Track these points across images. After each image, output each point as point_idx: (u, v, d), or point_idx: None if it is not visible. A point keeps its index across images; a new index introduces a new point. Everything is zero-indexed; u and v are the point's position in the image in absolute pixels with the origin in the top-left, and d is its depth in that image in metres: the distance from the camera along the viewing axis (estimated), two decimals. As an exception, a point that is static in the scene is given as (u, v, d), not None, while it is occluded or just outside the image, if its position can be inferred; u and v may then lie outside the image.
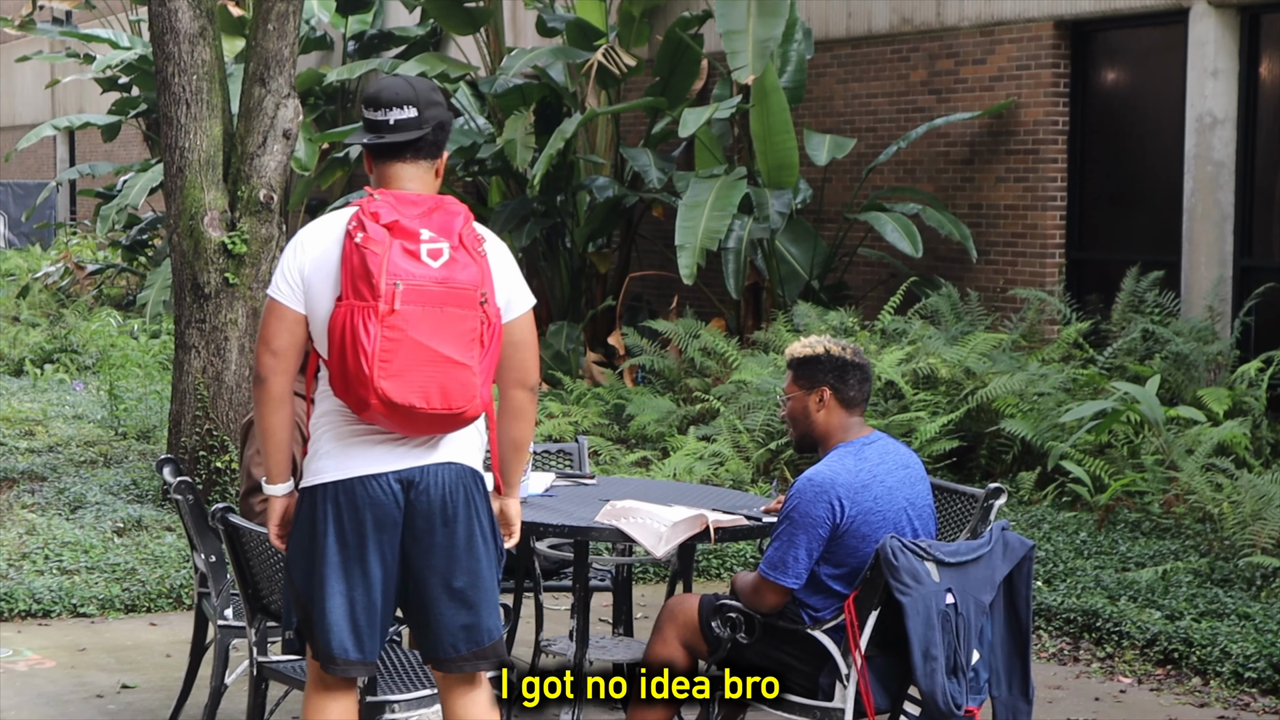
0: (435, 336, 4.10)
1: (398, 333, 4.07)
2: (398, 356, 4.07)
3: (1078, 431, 9.26)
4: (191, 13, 8.84)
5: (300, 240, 4.29)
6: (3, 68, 35.21)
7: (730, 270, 11.94)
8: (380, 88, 4.33)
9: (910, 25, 12.90)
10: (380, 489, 4.21)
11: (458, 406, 4.13)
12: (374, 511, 4.21)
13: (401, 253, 4.10)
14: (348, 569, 4.23)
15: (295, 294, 4.24)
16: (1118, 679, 6.87)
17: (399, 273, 4.08)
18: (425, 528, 4.24)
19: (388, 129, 4.29)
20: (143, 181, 17.80)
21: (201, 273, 8.82)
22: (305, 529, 4.28)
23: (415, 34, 18.28)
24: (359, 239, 4.11)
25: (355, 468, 4.22)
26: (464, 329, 4.13)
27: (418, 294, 4.09)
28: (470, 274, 4.15)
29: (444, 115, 4.36)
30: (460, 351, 4.12)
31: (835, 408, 5.00)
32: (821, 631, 4.82)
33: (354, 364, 4.08)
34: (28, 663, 6.81)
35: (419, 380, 4.09)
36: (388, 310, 4.06)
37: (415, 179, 4.32)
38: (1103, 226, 11.87)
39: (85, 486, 9.43)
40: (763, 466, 10.06)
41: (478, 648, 4.33)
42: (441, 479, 4.24)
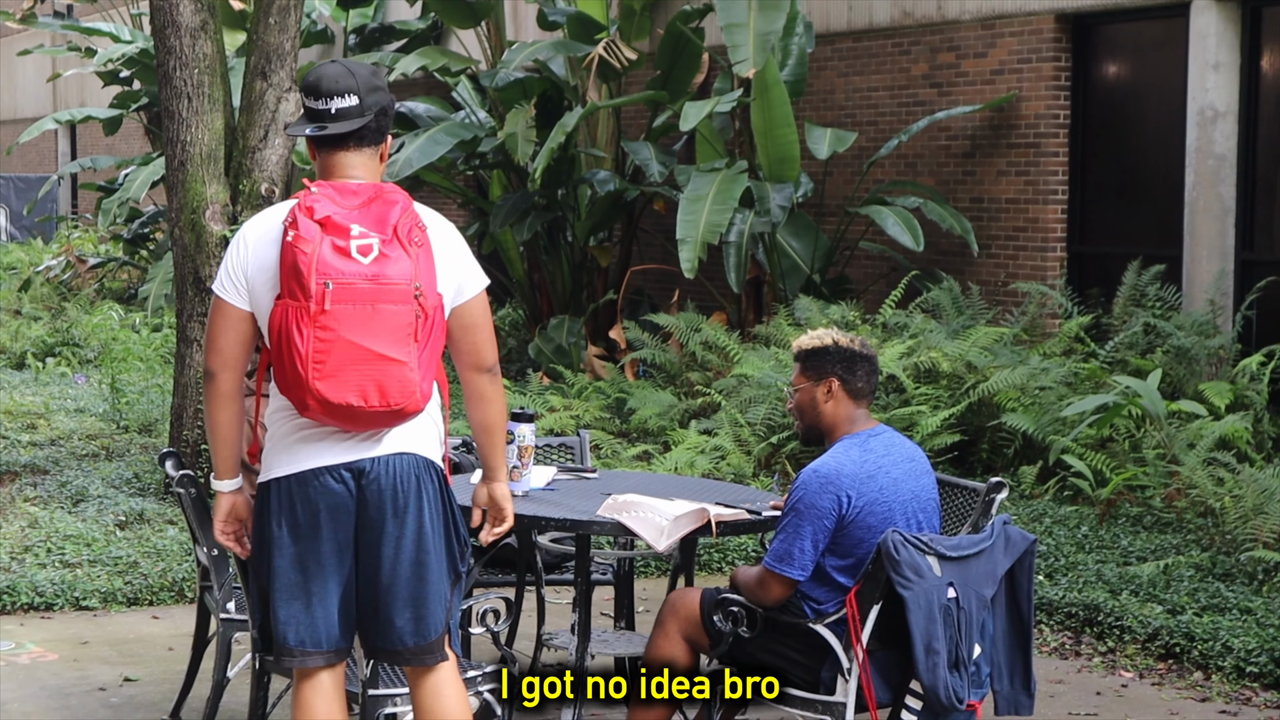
0: (368, 335, 4.06)
1: (330, 333, 4.04)
2: (331, 357, 4.05)
3: (1079, 425, 9.26)
4: (193, 6, 8.84)
5: (243, 237, 4.25)
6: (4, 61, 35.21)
7: (731, 264, 11.94)
8: (320, 76, 4.27)
9: (911, 18, 12.89)
10: (332, 480, 4.20)
11: (397, 403, 4.10)
12: (327, 501, 4.20)
13: (331, 250, 4.06)
14: (303, 561, 4.22)
15: (240, 292, 4.22)
16: (1119, 673, 6.87)
17: (329, 271, 4.04)
18: (376, 518, 4.22)
19: (329, 118, 4.24)
20: (144, 175, 17.80)
21: (203, 266, 8.83)
22: (262, 524, 4.28)
23: (416, 28, 18.27)
24: (290, 237, 4.07)
25: (307, 461, 4.21)
26: (397, 324, 4.09)
27: (348, 292, 4.05)
28: (402, 268, 4.10)
29: (386, 100, 4.31)
30: (395, 348, 4.08)
31: (843, 399, 5.00)
32: (823, 625, 4.82)
33: (289, 366, 4.07)
34: (30, 656, 6.82)
35: (355, 379, 4.06)
36: (318, 310, 4.03)
37: (359, 166, 4.28)
38: (1104, 220, 11.87)
39: (87, 480, 9.44)
40: (764, 460, 10.06)
41: (424, 641, 4.30)
42: (393, 468, 4.22)
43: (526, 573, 6.13)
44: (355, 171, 4.27)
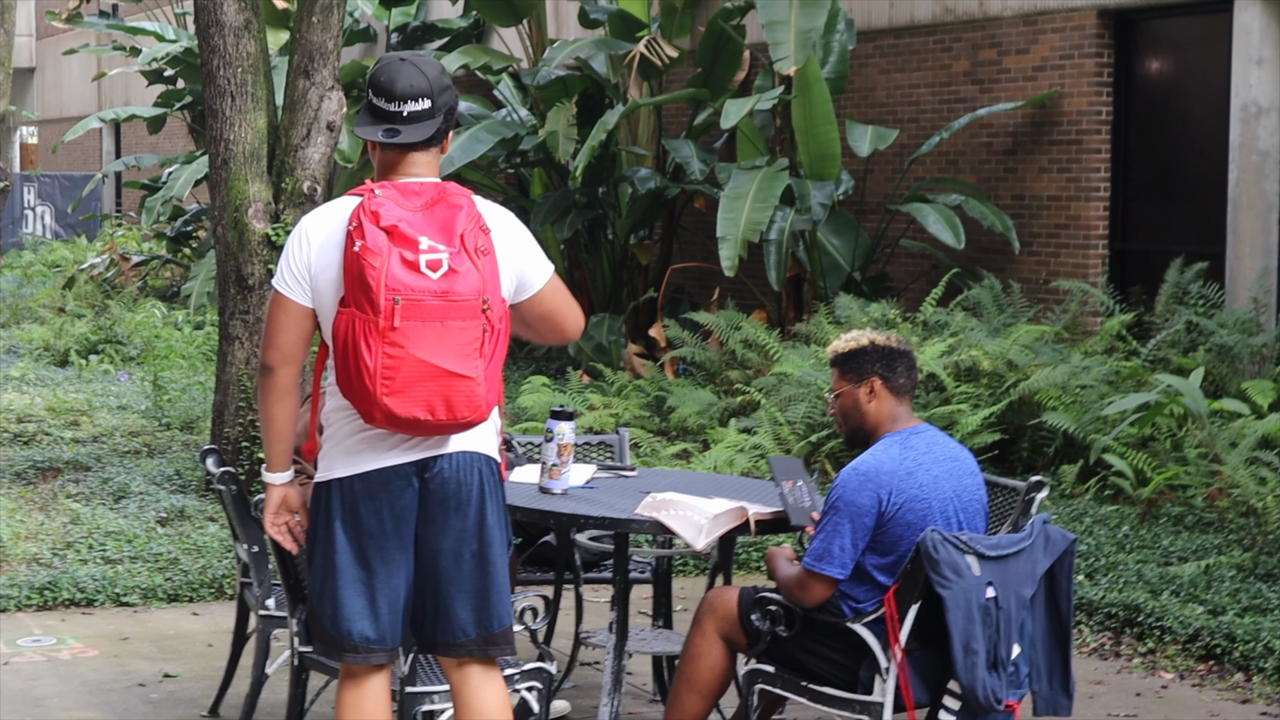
0: (437, 351, 4.02)
1: (399, 349, 4.00)
2: (400, 374, 4.01)
3: (1120, 424, 9.21)
4: (236, 6, 8.88)
5: (305, 232, 4.19)
6: (50, 61, 35.45)
7: (772, 262, 11.92)
8: (393, 77, 4.17)
9: (953, 15, 12.85)
10: (396, 478, 4.18)
11: (463, 417, 4.09)
12: (390, 500, 4.18)
13: (400, 264, 4.00)
14: (366, 558, 4.20)
15: (302, 288, 4.17)
16: (1159, 674, 6.83)
17: (398, 287, 4.00)
18: (438, 512, 4.21)
19: (401, 121, 4.17)
20: (188, 173, 17.89)
21: (245, 264, 8.87)
22: (322, 522, 4.25)
23: (458, 26, 18.31)
24: (357, 247, 4.01)
25: (370, 462, 4.19)
26: (466, 340, 4.05)
27: (417, 309, 4.01)
28: (471, 283, 4.05)
29: (454, 99, 4.25)
30: (462, 364, 4.05)
31: (886, 396, 4.99)
32: (862, 625, 4.81)
33: (356, 378, 4.04)
34: (71, 651, 6.86)
35: (422, 395, 4.03)
36: (387, 326, 3.99)
37: (423, 164, 4.22)
38: (1146, 217, 11.81)
39: (129, 476, 9.49)
40: (804, 459, 10.04)
41: (488, 633, 4.28)
42: (456, 464, 4.20)
43: (565, 571, 6.13)
44: (418, 170, 4.22)
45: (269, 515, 4.39)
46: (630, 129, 14.11)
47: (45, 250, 24.96)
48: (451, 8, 18.70)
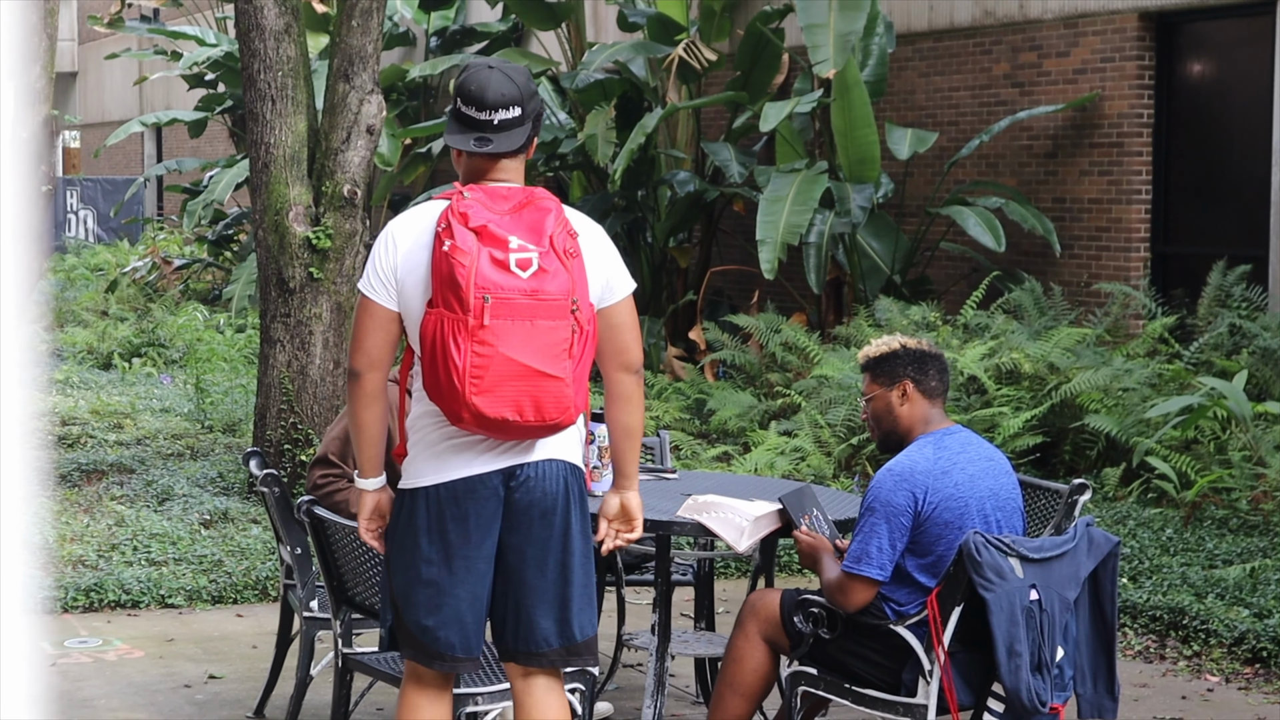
0: (526, 350, 3.99)
1: (488, 348, 3.97)
2: (489, 372, 3.97)
3: (1163, 427, 9.17)
4: (277, 10, 8.92)
5: (392, 236, 4.16)
6: (92, 65, 35.67)
7: (811, 265, 11.92)
8: (483, 86, 4.14)
9: (992, 18, 12.82)
10: (483, 486, 4.13)
11: (552, 418, 4.04)
12: (476, 508, 4.13)
13: (490, 263, 3.98)
14: (452, 566, 4.15)
15: (389, 291, 4.13)
16: (1205, 677, 6.80)
17: (488, 285, 3.97)
18: (524, 520, 4.16)
19: (492, 130, 4.14)
20: (228, 177, 17.98)
21: (286, 267, 8.90)
22: (406, 530, 4.20)
23: (497, 29, 18.36)
24: (446, 246, 3.99)
25: (457, 469, 4.14)
26: (555, 340, 4.02)
27: (507, 307, 3.98)
28: (560, 283, 4.02)
29: (540, 104, 4.23)
30: (552, 364, 4.01)
31: (918, 399, 4.99)
32: (904, 627, 4.80)
33: (445, 378, 4.00)
34: (117, 653, 6.90)
35: (511, 395, 3.99)
36: (477, 325, 3.96)
37: (510, 170, 4.20)
38: (1188, 220, 11.76)
39: (173, 479, 9.54)
40: (844, 461, 10.04)
41: (570, 643, 4.24)
42: (543, 472, 4.16)
43: (607, 573, 6.14)
44: (505, 175, 4.19)
45: (364, 522, 4.32)
46: (669, 132, 14.13)
47: (88, 254, 25.11)
48: (490, 11, 18.76)
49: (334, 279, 8.93)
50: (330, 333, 8.94)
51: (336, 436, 5.73)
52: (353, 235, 8.97)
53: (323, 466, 5.72)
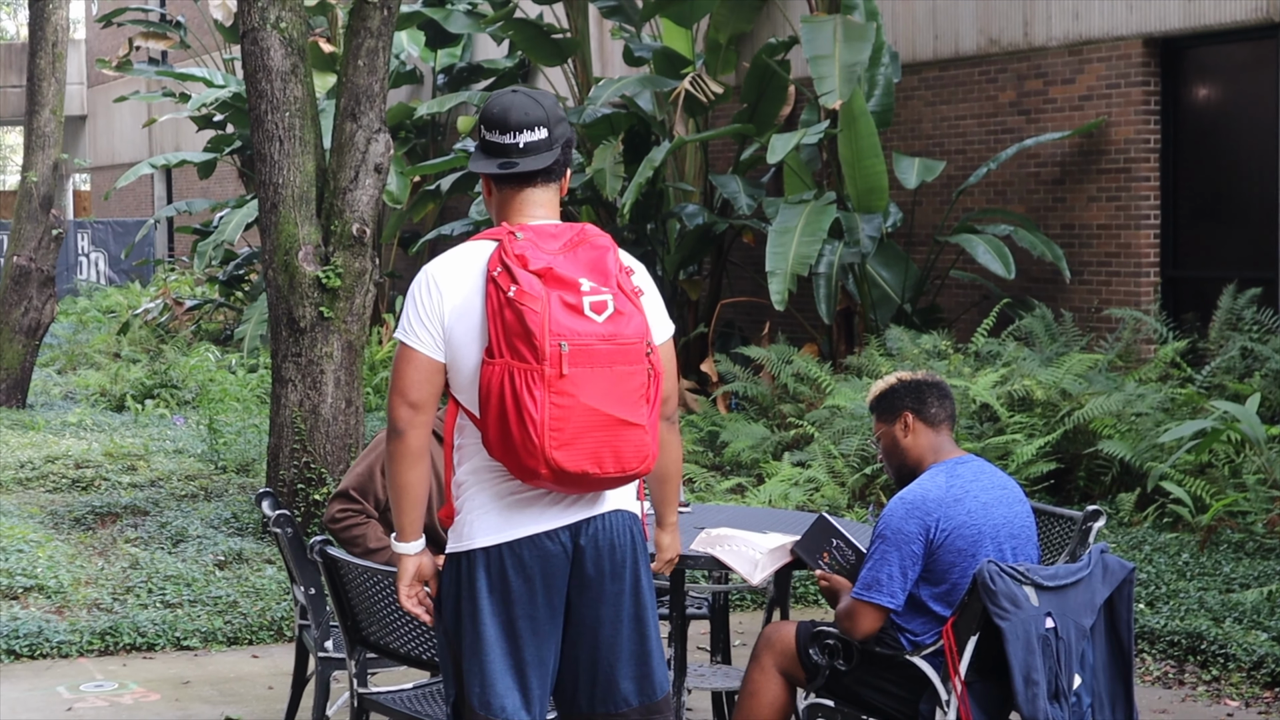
0: (607, 399, 3.76)
1: (568, 399, 3.73)
2: (569, 424, 3.73)
3: (1177, 451, 9.16)
4: (283, 50, 8.96)
5: (434, 281, 3.90)
6: (101, 108, 35.82)
7: (822, 295, 11.92)
8: (508, 106, 3.94)
9: (998, 46, 12.85)
10: (550, 543, 3.89)
11: (632, 468, 3.82)
12: (543, 566, 3.89)
13: (562, 307, 3.75)
14: (515, 630, 3.91)
15: (436, 342, 3.88)
16: (1224, 702, 6.77)
17: (563, 332, 3.73)
18: (595, 576, 3.93)
19: (518, 153, 3.92)
20: (238, 217, 18.04)
21: (297, 307, 8.92)
22: (466, 596, 3.92)
23: (504, 66, 18.42)
24: (512, 292, 3.74)
25: (522, 527, 3.90)
26: (634, 386, 3.80)
27: (585, 354, 3.74)
28: (636, 325, 3.82)
29: (570, 131, 4.03)
30: (632, 411, 3.80)
31: (921, 429, 5.00)
32: (920, 657, 4.79)
33: (519, 432, 3.73)
34: (133, 696, 6.90)
35: (591, 446, 3.76)
36: (555, 374, 3.72)
37: (545, 204, 3.97)
38: (1198, 244, 11.75)
39: (186, 520, 9.55)
40: (858, 491, 10.02)
41: (650, 701, 4.02)
42: (610, 525, 3.94)
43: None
44: (540, 210, 3.97)
45: (404, 588, 4.02)
46: (677, 165, 14.15)
47: (99, 296, 25.19)
48: (497, 48, 18.82)
49: (344, 318, 8.95)
50: (341, 371, 8.95)
51: (360, 472, 5.72)
52: (362, 274, 8.99)
53: (342, 501, 5.72)
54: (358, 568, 4.98)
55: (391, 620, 4.94)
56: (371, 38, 8.99)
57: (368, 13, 9.00)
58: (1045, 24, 12.41)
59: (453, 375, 3.91)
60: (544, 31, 14.82)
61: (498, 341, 3.77)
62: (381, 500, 5.70)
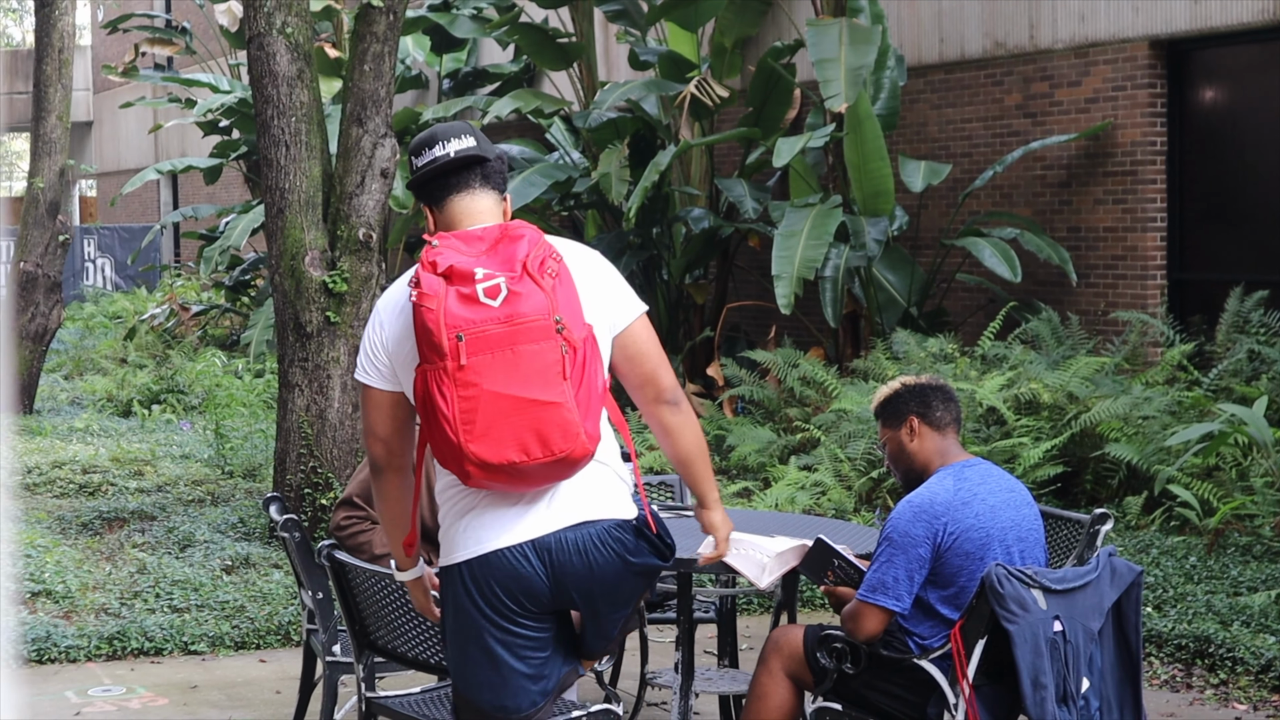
0: (513, 381, 3.70)
1: (472, 389, 3.69)
2: (480, 414, 3.69)
3: (1184, 455, 9.15)
4: (289, 56, 8.97)
5: (377, 314, 3.97)
6: (107, 114, 35.86)
7: (828, 299, 11.92)
8: (432, 130, 3.98)
9: (1003, 49, 12.84)
10: (517, 562, 3.86)
11: (560, 450, 3.72)
12: (517, 585, 3.87)
13: (457, 300, 3.71)
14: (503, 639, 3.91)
15: (384, 374, 3.92)
16: (1232, 706, 6.77)
17: (457, 323, 3.69)
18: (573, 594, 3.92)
19: (448, 160, 3.93)
20: (244, 223, 18.06)
21: (303, 312, 8.92)
22: (454, 607, 3.95)
23: (509, 71, 18.44)
24: (413, 297, 3.74)
25: (486, 542, 3.87)
26: (543, 364, 3.71)
27: (482, 340, 3.69)
28: (536, 302, 3.72)
29: (501, 156, 4.01)
30: (545, 390, 3.71)
31: (927, 433, 5.00)
32: (928, 661, 4.79)
33: (440, 434, 3.73)
34: (141, 700, 6.90)
35: (510, 433, 3.70)
36: (455, 366, 3.68)
37: (483, 212, 3.95)
38: (1204, 247, 11.74)
39: (194, 525, 9.55)
40: (865, 495, 10.02)
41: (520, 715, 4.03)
42: (582, 546, 3.88)
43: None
44: (483, 219, 3.94)
45: (422, 604, 4.17)
46: (683, 169, 14.16)
47: (106, 302, 25.22)
48: (502, 53, 18.84)
49: (351, 323, 8.95)
50: (348, 376, 8.95)
51: (364, 479, 5.73)
52: (369, 279, 8.99)
53: (347, 508, 5.72)
54: (365, 572, 4.99)
55: (399, 624, 4.95)
56: (377, 43, 9.00)
57: (373, 18, 9.01)
58: (1051, 26, 12.41)
59: (412, 398, 3.89)
60: (549, 36, 14.83)
61: (419, 350, 3.76)
62: None
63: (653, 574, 4.01)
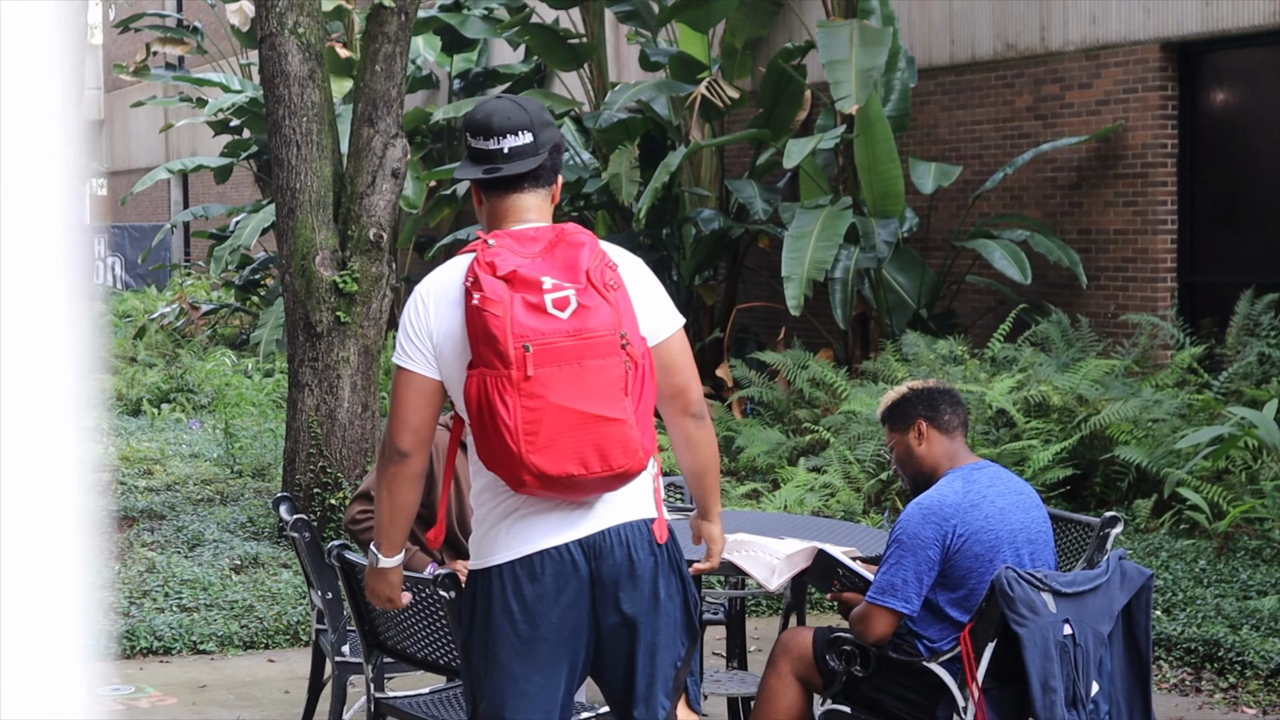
0: (579, 396, 3.67)
1: (538, 400, 3.65)
2: (543, 426, 3.65)
3: (1194, 458, 9.13)
4: (301, 56, 8.97)
5: (421, 300, 3.86)
6: (118, 113, 35.90)
7: (838, 300, 11.91)
8: (489, 112, 3.86)
9: (1014, 51, 12.83)
10: (562, 560, 3.79)
11: (619, 466, 3.71)
12: (558, 585, 3.79)
13: (525, 308, 3.66)
14: (538, 651, 3.82)
15: (428, 360, 3.81)
16: (1242, 710, 6.75)
17: (525, 333, 3.65)
18: (612, 596, 3.83)
19: (502, 158, 3.84)
20: (255, 222, 18.07)
21: (314, 312, 8.93)
22: (481, 613, 3.84)
23: (520, 71, 18.44)
24: (476, 300, 3.68)
25: (532, 543, 3.80)
26: (608, 380, 3.70)
27: (550, 353, 3.66)
28: (604, 317, 3.70)
29: (558, 136, 3.93)
30: (608, 406, 3.69)
31: (936, 437, 4.99)
32: (938, 664, 4.78)
33: (498, 441, 3.67)
34: (150, 700, 6.91)
35: (572, 446, 3.66)
36: (520, 377, 3.64)
37: (533, 209, 3.88)
38: (1215, 249, 11.73)
39: (203, 524, 9.56)
40: (874, 497, 10.01)
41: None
42: (626, 539, 3.82)
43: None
44: (530, 215, 3.87)
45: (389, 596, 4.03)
46: (693, 170, 14.15)
47: (116, 300, 25.24)
48: (513, 53, 18.84)
49: (361, 323, 8.96)
50: (358, 376, 8.96)
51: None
52: (379, 279, 9.00)
53: (363, 502, 5.72)
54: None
55: (408, 625, 4.95)
56: (389, 43, 9.00)
57: (385, 18, 9.01)
58: (1062, 28, 12.39)
59: (451, 392, 3.85)
60: (560, 36, 14.83)
61: (475, 351, 3.71)
62: None
63: (683, 568, 3.96)
